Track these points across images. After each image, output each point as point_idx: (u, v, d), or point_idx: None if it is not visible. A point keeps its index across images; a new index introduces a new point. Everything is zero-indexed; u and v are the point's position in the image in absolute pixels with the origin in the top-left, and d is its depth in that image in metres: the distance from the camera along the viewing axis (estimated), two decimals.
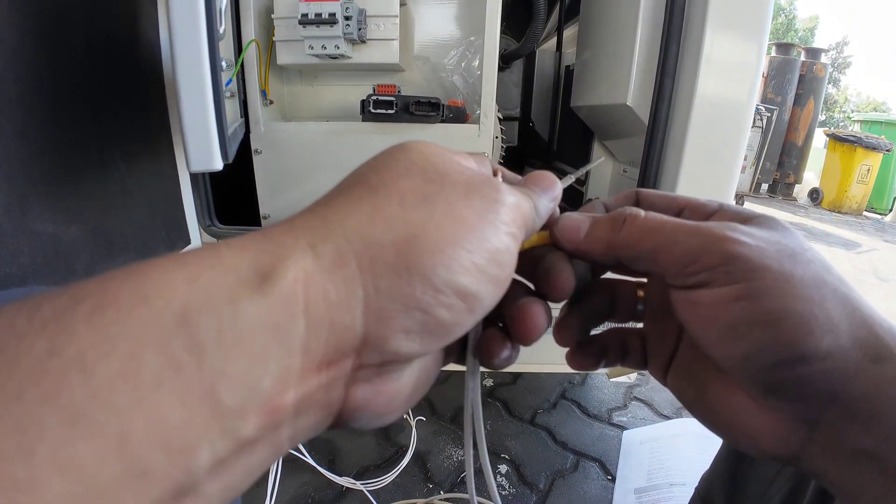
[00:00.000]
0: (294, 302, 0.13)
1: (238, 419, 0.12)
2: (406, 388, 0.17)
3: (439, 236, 0.15)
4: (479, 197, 0.16)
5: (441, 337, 0.15)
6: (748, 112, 0.65)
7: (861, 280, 2.55)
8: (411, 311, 0.14)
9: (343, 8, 0.60)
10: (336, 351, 0.14)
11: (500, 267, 0.16)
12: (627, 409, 1.12)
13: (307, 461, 0.84)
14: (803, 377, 0.17)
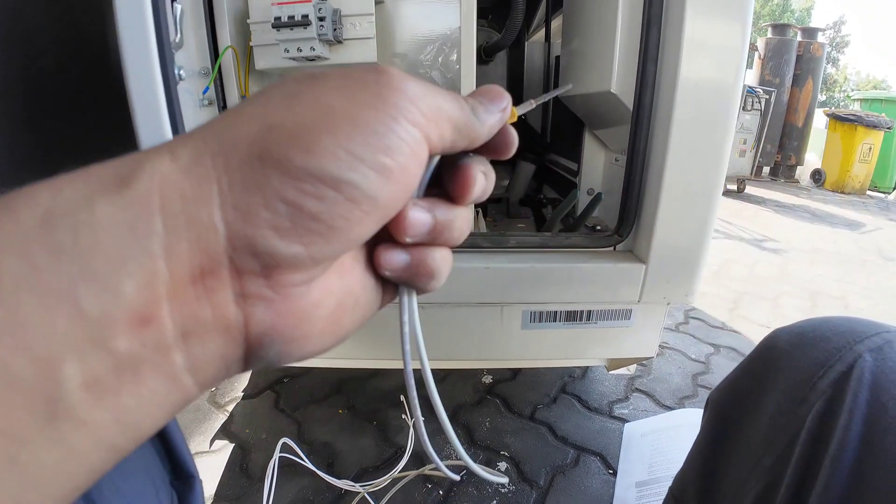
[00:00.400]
0: (149, 201, 0.12)
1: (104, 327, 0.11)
2: (321, 310, 0.16)
3: (298, 124, 0.14)
4: (359, 84, 0.15)
5: (327, 236, 0.14)
6: (735, 94, 0.63)
7: (866, 260, 2.52)
8: (272, 203, 0.13)
9: (316, 9, 0.59)
10: (203, 254, 0.13)
11: (386, 153, 0.15)
12: (629, 401, 1.11)
13: (306, 465, 0.84)
14: None
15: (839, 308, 1.85)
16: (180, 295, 0.13)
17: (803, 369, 0.33)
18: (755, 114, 4.17)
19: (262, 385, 1.12)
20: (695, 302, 0.71)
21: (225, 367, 0.15)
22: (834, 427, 0.29)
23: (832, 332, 0.33)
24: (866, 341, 0.31)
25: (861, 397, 0.29)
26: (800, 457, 0.30)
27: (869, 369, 0.30)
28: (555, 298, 0.68)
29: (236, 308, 0.14)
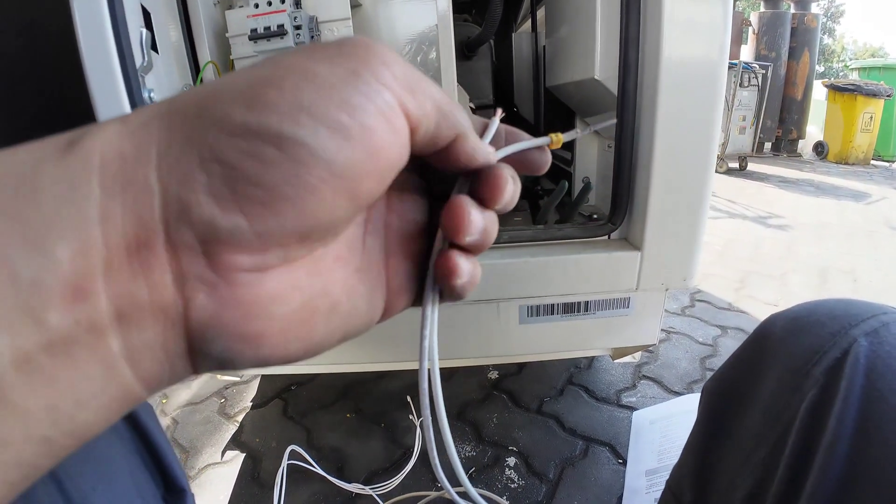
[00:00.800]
0: (89, 161, 0.12)
1: (35, 294, 0.11)
2: (279, 307, 0.14)
3: (247, 80, 0.13)
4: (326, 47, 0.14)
5: (273, 207, 0.12)
6: (720, 71, 0.62)
7: (873, 231, 2.49)
8: (207, 163, 0.12)
9: (291, 18, 0.59)
10: (138, 221, 0.12)
11: (343, 109, 0.13)
12: (637, 389, 1.10)
13: (316, 471, 0.84)
14: None
15: (848, 282, 1.83)
16: (115, 269, 0.12)
17: (797, 356, 0.31)
18: (753, 90, 4.12)
19: (270, 394, 1.12)
20: (693, 286, 0.70)
21: (168, 362, 0.13)
22: (828, 417, 0.27)
23: (827, 316, 0.32)
24: (862, 324, 0.30)
25: (856, 385, 0.27)
26: (793, 449, 0.29)
27: (864, 354, 0.28)
28: (551, 291, 0.68)
29: (175, 291, 0.12)
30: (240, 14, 0.63)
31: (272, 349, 0.14)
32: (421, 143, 0.15)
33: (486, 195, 0.17)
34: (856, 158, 4.91)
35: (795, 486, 0.28)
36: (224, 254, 0.13)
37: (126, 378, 0.12)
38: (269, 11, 0.58)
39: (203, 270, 0.13)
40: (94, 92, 0.40)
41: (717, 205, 3.06)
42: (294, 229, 0.13)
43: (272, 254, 0.13)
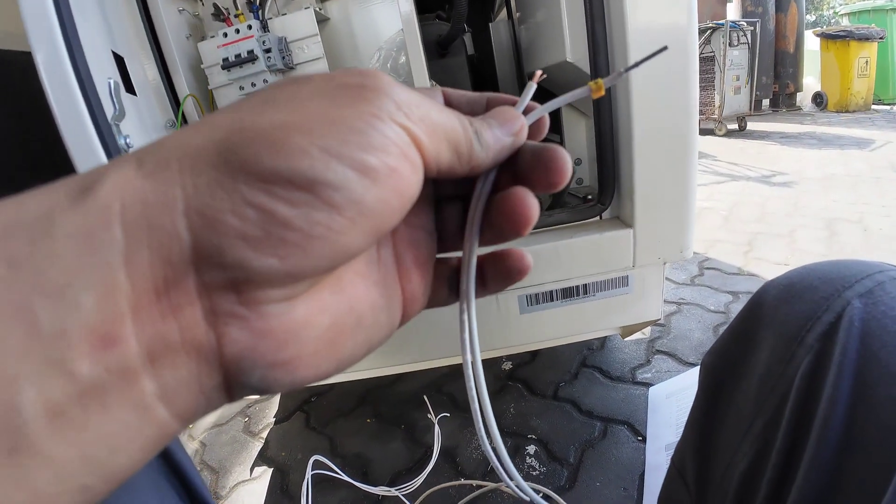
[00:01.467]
0: (109, 208, 0.12)
1: (62, 346, 0.10)
2: (310, 331, 0.14)
3: (269, 125, 0.13)
4: (340, 87, 0.14)
5: (306, 248, 0.13)
6: (690, 34, 0.62)
7: (880, 177, 2.45)
8: (239, 208, 0.12)
9: (260, 42, 0.60)
10: (167, 265, 0.12)
11: (369, 151, 0.13)
12: (651, 365, 1.10)
13: (342, 478, 0.86)
14: None
15: (858, 232, 1.80)
16: (144, 311, 0.12)
17: (790, 324, 0.30)
18: (743, 48, 4.05)
19: (291, 407, 1.15)
20: (690, 256, 0.70)
21: (203, 395, 0.13)
22: (823, 384, 0.27)
23: (820, 279, 0.31)
24: (855, 286, 0.29)
25: (850, 348, 0.26)
26: (790, 419, 0.28)
27: (858, 317, 0.27)
28: (547, 279, 0.68)
29: (207, 327, 0.12)
30: (211, 44, 0.64)
31: (306, 371, 0.14)
32: (435, 171, 0.16)
33: (547, 180, 0.17)
34: (856, 105, 4.81)
35: (794, 455, 0.27)
36: (255, 291, 0.13)
37: (161, 417, 0.12)
38: (237, 39, 0.59)
39: (234, 307, 0.13)
40: (71, 149, 0.41)
41: (718, 168, 3.02)
42: (324, 265, 0.13)
43: (301, 285, 0.14)
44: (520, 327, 0.72)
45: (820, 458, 0.26)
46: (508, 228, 0.18)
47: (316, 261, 0.13)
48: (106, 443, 0.11)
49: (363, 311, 0.16)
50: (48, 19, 0.41)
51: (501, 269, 0.20)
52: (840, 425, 0.26)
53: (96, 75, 0.45)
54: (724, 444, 0.34)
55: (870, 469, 0.24)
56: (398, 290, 0.18)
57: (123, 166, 0.12)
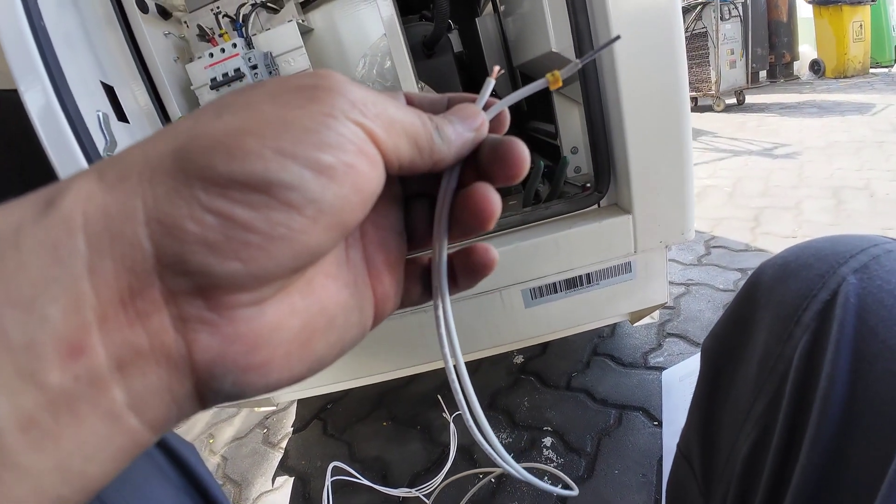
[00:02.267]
0: (72, 220, 0.12)
1: (31, 357, 0.11)
2: (281, 333, 0.14)
3: (222, 130, 0.13)
4: (293, 88, 0.14)
5: (269, 249, 0.13)
6: (674, 13, 0.61)
7: (883, 141, 2.41)
8: (198, 214, 0.12)
9: (246, 60, 0.60)
10: (130, 273, 0.12)
11: (324, 149, 0.13)
12: (663, 348, 1.10)
13: (362, 482, 0.87)
14: None
15: (864, 198, 1.78)
16: (111, 320, 0.12)
17: (786, 304, 0.30)
18: (735, 21, 4.00)
19: (308, 416, 1.16)
20: (692, 237, 0.70)
21: (175, 403, 0.13)
22: (821, 362, 0.26)
23: (814, 257, 0.30)
24: (850, 261, 0.28)
25: (847, 325, 0.26)
26: (790, 400, 0.28)
27: (854, 292, 0.27)
28: (549, 271, 0.68)
29: (176, 334, 0.13)
30: (199, 65, 0.65)
31: (279, 374, 0.15)
32: (397, 167, 0.16)
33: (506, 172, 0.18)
34: (854, 70, 4.74)
35: (796, 435, 0.27)
36: (223, 296, 0.13)
37: (133, 426, 0.12)
38: (223, 58, 0.60)
39: (202, 312, 0.13)
40: None
41: (719, 145, 2.99)
42: (289, 265, 0.14)
43: (269, 287, 0.14)
44: (526, 321, 0.72)
45: (821, 437, 0.25)
46: (473, 224, 0.18)
47: (280, 262, 0.13)
48: (79, 452, 0.11)
49: (334, 312, 0.16)
50: (32, 58, 0.42)
51: (468, 264, 0.20)
52: (840, 402, 0.25)
53: (85, 108, 0.46)
54: (727, 427, 0.34)
55: (872, 445, 0.24)
56: (369, 290, 0.19)
57: (85, 179, 0.13)
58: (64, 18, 0.57)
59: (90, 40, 0.60)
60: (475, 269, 0.20)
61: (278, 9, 0.70)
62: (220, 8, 0.70)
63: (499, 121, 0.20)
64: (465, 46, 1.44)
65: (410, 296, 0.21)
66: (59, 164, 0.43)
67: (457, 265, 0.20)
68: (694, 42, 4.00)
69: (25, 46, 0.41)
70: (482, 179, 0.18)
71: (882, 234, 0.30)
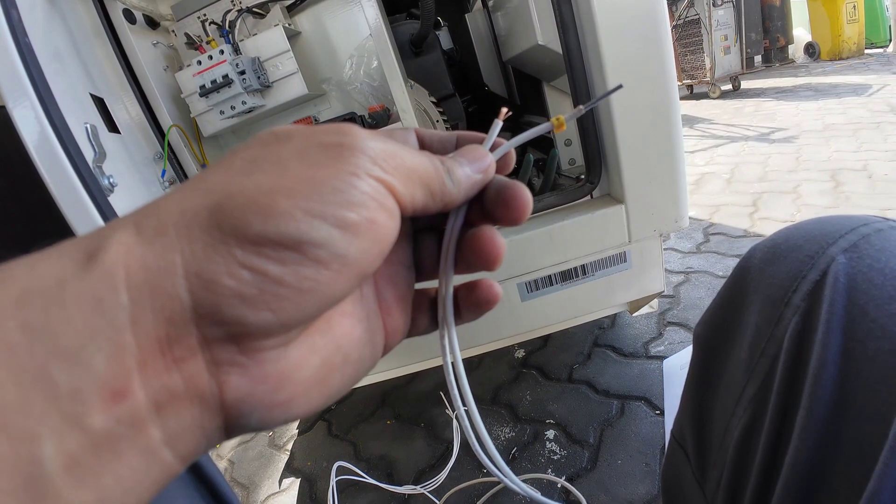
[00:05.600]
0: (114, 275, 0.13)
1: (78, 403, 0.12)
2: (302, 371, 0.16)
3: (255, 189, 0.14)
4: (318, 147, 0.15)
5: (297, 301, 0.14)
6: (658, 3, 0.61)
7: (880, 122, 2.40)
8: (234, 270, 0.13)
9: (233, 65, 0.60)
10: (168, 323, 0.13)
11: (348, 208, 0.14)
12: (663, 337, 1.10)
13: (367, 481, 0.88)
14: None
15: (863, 179, 1.77)
16: (150, 366, 0.13)
17: (776, 286, 0.30)
18: (727, 7, 3.98)
19: (312, 418, 1.16)
20: (686, 225, 0.70)
21: (205, 437, 0.14)
22: (812, 344, 0.26)
23: (804, 238, 0.30)
24: (840, 241, 0.28)
25: (837, 305, 0.26)
26: (781, 381, 0.28)
27: (844, 272, 0.26)
28: (544, 263, 0.68)
29: (209, 377, 0.14)
30: (188, 73, 0.65)
31: (300, 408, 0.16)
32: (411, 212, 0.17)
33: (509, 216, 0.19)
34: (849, 51, 4.72)
35: (788, 416, 0.27)
36: (253, 341, 0.14)
37: (167, 459, 0.13)
38: (211, 65, 0.60)
39: (234, 356, 0.14)
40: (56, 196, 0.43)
41: (716, 132, 2.98)
42: (314, 313, 0.15)
43: (294, 332, 0.15)
44: (524, 315, 0.73)
45: (813, 418, 0.25)
46: (479, 265, 0.19)
47: (306, 311, 0.14)
48: (118, 486, 0.12)
49: (349, 348, 0.17)
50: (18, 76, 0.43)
51: (473, 299, 0.21)
52: (831, 383, 0.25)
53: (73, 121, 0.47)
54: (719, 411, 0.33)
55: (864, 424, 0.24)
56: (380, 323, 0.20)
57: (124, 232, 0.13)
58: (52, 33, 0.57)
59: (79, 53, 0.61)
60: (479, 304, 0.21)
61: (264, 14, 0.70)
62: (206, 15, 0.70)
63: (505, 161, 0.21)
64: (456, 42, 1.43)
65: (418, 326, 0.21)
66: (49, 177, 0.44)
67: (461, 299, 0.21)
68: (687, 29, 3.99)
69: (12, 64, 0.42)
70: (486, 218, 0.19)
71: (878, 214, 0.30)
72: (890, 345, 0.24)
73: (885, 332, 0.24)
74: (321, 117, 0.76)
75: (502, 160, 0.20)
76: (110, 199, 0.51)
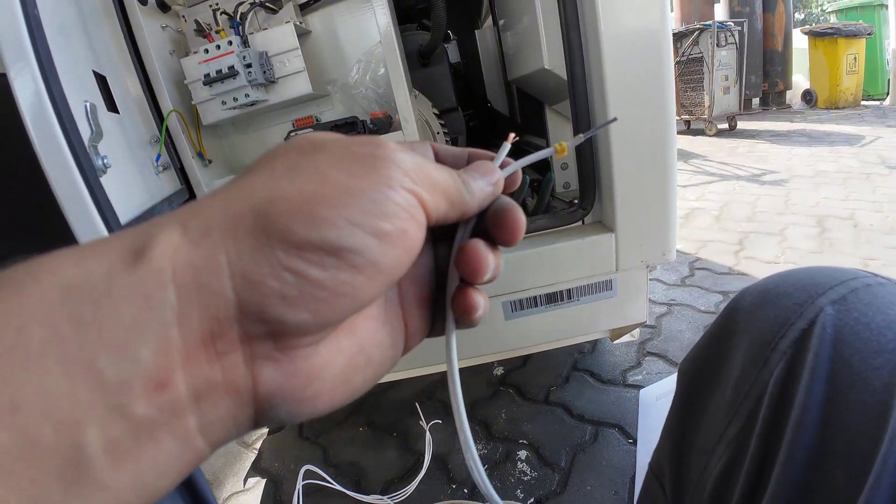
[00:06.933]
0: (162, 272, 0.13)
1: (123, 393, 0.12)
2: (329, 370, 0.17)
3: (299, 196, 0.15)
4: (355, 157, 0.16)
5: (332, 303, 0.15)
6: (663, 38, 0.62)
7: (870, 173, 2.46)
8: (278, 272, 0.14)
9: (240, 58, 0.60)
10: (213, 320, 0.14)
11: (384, 219, 0.15)
12: (642, 367, 1.11)
13: (334, 487, 0.86)
14: None
15: (848, 228, 1.81)
16: (193, 360, 0.13)
17: (764, 330, 0.30)
18: (731, 48, 4.08)
19: None
20: (673, 259, 0.71)
21: (235, 427, 0.15)
22: (796, 389, 0.27)
23: (794, 286, 0.31)
24: (829, 293, 0.29)
25: (823, 355, 0.27)
26: (763, 424, 0.28)
27: (831, 323, 0.27)
28: (531, 284, 0.69)
29: (245, 370, 0.14)
30: (194, 60, 0.65)
31: (324, 405, 0.17)
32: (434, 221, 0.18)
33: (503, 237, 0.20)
34: (845, 101, 4.85)
35: (768, 459, 0.27)
36: (290, 339, 0.15)
37: (199, 446, 0.14)
38: (218, 55, 0.60)
39: (271, 351, 0.15)
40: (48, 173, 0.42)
41: (709, 168, 3.04)
42: (346, 315, 0.16)
43: (325, 332, 0.16)
44: (506, 333, 0.73)
45: (793, 463, 0.26)
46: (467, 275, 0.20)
47: (340, 313, 0.15)
48: (153, 470, 0.13)
49: (372, 350, 0.19)
50: (23, 44, 0.42)
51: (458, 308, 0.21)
52: (813, 430, 0.26)
53: (73, 98, 0.46)
54: (699, 448, 0.34)
55: (843, 473, 0.24)
56: (401, 325, 0.21)
57: (170, 230, 0.14)
58: (61, 7, 0.57)
59: (86, 29, 0.60)
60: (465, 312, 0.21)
61: (277, 9, 0.70)
62: (218, 4, 0.70)
63: (511, 179, 0.22)
64: (463, 57, 1.45)
65: (437, 328, 0.22)
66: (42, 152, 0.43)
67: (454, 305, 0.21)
68: (689, 66, 4.08)
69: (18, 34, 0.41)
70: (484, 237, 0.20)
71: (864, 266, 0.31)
72: (871, 398, 0.24)
73: (868, 385, 0.25)
74: (322, 118, 0.76)
75: (508, 179, 0.22)
76: (102, 179, 0.50)
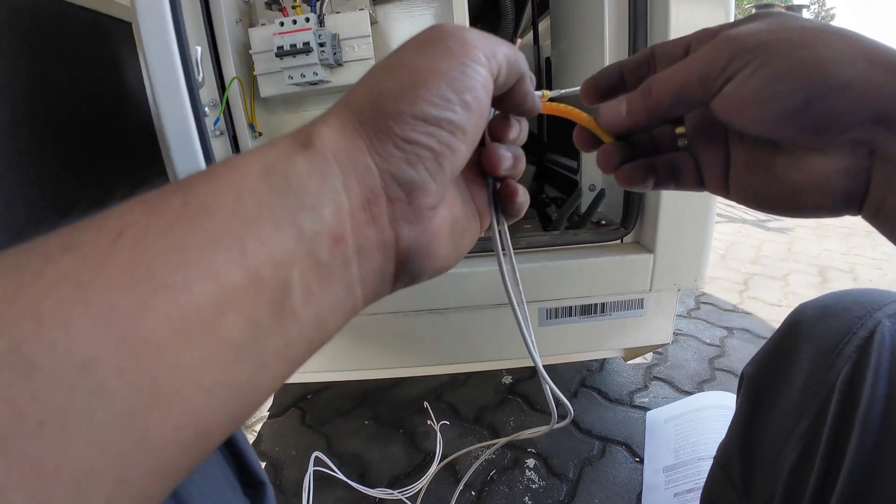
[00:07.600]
0: (326, 154, 0.17)
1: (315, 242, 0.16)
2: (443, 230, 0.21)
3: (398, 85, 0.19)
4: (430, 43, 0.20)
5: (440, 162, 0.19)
6: None
7: (871, 231, 2.52)
8: (399, 143, 0.18)
9: (316, 36, 0.61)
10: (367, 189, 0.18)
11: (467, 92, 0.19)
12: (648, 390, 1.12)
13: (339, 477, 0.86)
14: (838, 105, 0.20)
15: (848, 281, 1.85)
16: (357, 220, 0.17)
17: (829, 339, 0.35)
18: None
19: (286, 403, 1.14)
20: (704, 286, 0.72)
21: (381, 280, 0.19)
22: (862, 387, 0.31)
23: (853, 302, 0.36)
24: (885, 308, 0.34)
25: (884, 359, 0.31)
26: (834, 417, 0.33)
27: (889, 333, 0.32)
28: (568, 294, 0.70)
29: (390, 230, 0.19)
30: (264, 32, 0.65)
31: (441, 261, 0.21)
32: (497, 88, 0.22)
33: (504, 136, 0.25)
34: None
35: (838, 449, 0.31)
36: (419, 199, 0.19)
37: (357, 294, 0.18)
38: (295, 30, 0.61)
39: (407, 212, 0.19)
40: (161, 107, 0.42)
41: (717, 209, 3.09)
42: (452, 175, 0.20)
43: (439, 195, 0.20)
44: (539, 340, 0.73)
45: (864, 447, 0.30)
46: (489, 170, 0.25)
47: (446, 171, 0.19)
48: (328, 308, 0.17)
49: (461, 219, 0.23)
50: None
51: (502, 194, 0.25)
52: (878, 421, 0.30)
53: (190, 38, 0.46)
54: (770, 441, 0.38)
55: None
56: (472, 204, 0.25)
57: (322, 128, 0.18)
58: None
59: None
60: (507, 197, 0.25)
61: None
62: None
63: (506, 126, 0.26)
64: None
65: None
66: (160, 95, 0.42)
67: None
68: None
69: None
70: None
71: None
72: None
73: None
74: None
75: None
76: None
